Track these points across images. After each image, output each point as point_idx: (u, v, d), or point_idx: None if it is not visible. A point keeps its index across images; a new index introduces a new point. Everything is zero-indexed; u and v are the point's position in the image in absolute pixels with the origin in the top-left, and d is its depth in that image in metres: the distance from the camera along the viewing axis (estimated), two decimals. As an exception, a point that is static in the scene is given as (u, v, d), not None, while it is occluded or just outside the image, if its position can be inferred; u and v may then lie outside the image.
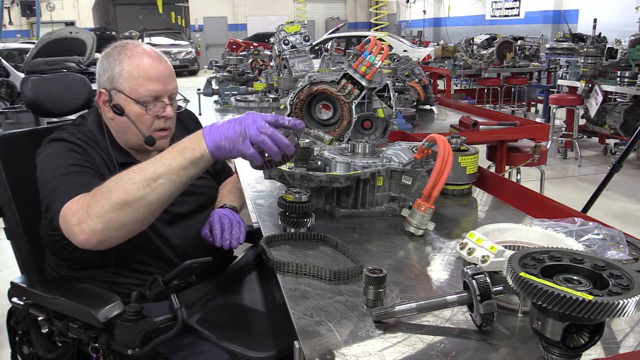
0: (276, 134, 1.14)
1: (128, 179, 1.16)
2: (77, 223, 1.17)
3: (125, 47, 1.45)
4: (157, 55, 1.47)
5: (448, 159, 1.41)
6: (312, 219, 1.45)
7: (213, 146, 1.15)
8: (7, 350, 1.62)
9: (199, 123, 1.77)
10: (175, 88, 1.49)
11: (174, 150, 1.18)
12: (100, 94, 1.46)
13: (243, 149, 1.13)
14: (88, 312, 1.29)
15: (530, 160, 3.19)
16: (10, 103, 7.28)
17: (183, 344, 1.35)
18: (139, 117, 1.44)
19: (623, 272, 0.84)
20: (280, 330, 1.30)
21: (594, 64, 6.14)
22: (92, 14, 22.07)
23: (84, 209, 1.18)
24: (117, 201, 1.15)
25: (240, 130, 1.13)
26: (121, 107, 1.43)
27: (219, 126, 1.16)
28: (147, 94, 1.42)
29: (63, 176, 1.30)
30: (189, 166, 1.16)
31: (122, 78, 1.42)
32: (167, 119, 1.47)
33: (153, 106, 1.44)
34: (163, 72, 1.45)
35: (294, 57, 2.86)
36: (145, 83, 1.42)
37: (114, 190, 1.16)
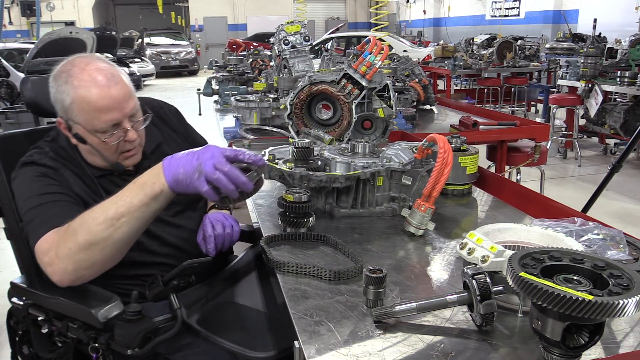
0: (233, 171, 1.10)
1: (91, 220, 1.15)
2: (50, 263, 1.19)
3: (71, 75, 1.33)
4: (107, 80, 1.33)
5: (448, 159, 1.41)
6: (312, 218, 1.45)
7: (172, 180, 1.12)
8: (7, 350, 1.62)
9: (181, 117, 1.73)
10: (134, 107, 1.38)
11: (134, 185, 1.16)
12: (59, 122, 1.40)
13: (198, 185, 1.10)
14: (87, 312, 1.29)
15: (530, 160, 3.19)
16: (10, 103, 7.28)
17: (183, 344, 1.35)
18: (100, 145, 1.38)
19: (623, 272, 0.84)
20: (280, 330, 1.30)
21: (594, 64, 6.14)
22: (92, 14, 22.06)
23: (54, 250, 1.18)
24: (83, 243, 1.15)
25: (197, 165, 1.10)
26: (82, 136, 1.37)
27: (178, 158, 1.13)
28: (104, 125, 1.34)
29: (35, 208, 1.28)
30: (150, 202, 1.14)
31: (74, 111, 1.34)
32: (131, 141, 1.40)
33: (112, 134, 1.36)
34: (116, 98, 1.33)
35: (294, 57, 2.86)
36: (99, 115, 1.32)
37: (79, 231, 1.15)
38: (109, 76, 1.34)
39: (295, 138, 2.15)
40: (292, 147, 1.65)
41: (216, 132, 3.36)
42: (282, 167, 1.59)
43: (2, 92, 7.55)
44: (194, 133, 1.76)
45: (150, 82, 15.46)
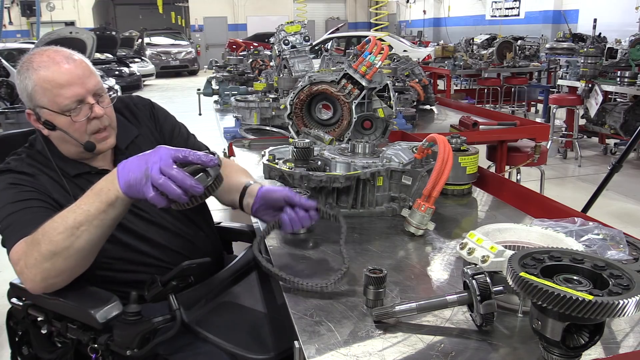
0: (180, 174, 1.05)
1: (52, 230, 1.13)
2: (20, 273, 1.20)
3: (31, 60, 1.36)
4: (64, 57, 1.36)
5: (448, 159, 1.40)
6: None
7: (125, 186, 1.09)
8: (7, 350, 1.62)
9: (153, 110, 1.65)
10: (96, 84, 1.38)
11: (91, 192, 1.13)
12: (28, 115, 1.40)
13: (145, 190, 1.06)
14: (87, 313, 1.28)
15: (530, 160, 3.19)
16: (10, 103, 7.28)
17: (182, 344, 1.35)
18: (69, 126, 1.36)
19: (623, 272, 0.84)
20: (280, 331, 1.30)
21: (594, 64, 6.14)
22: (92, 14, 22.06)
23: (23, 259, 1.18)
24: (46, 253, 1.14)
25: (144, 169, 1.06)
26: (50, 121, 1.36)
27: (130, 162, 1.10)
28: (68, 102, 1.34)
29: (9, 216, 1.27)
30: (107, 209, 1.11)
31: (37, 94, 1.35)
32: (99, 118, 1.39)
33: (79, 111, 1.36)
34: (76, 74, 1.35)
35: (294, 57, 2.86)
36: (61, 91, 1.33)
37: (41, 242, 1.14)
38: (67, 54, 1.37)
39: (295, 138, 2.15)
40: (292, 147, 1.65)
41: (216, 132, 3.36)
42: (282, 167, 1.59)
43: (2, 92, 7.55)
44: (170, 124, 1.68)
45: (150, 82, 15.46)
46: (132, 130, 1.56)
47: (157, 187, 1.04)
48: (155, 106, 1.67)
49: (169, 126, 1.66)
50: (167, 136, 1.63)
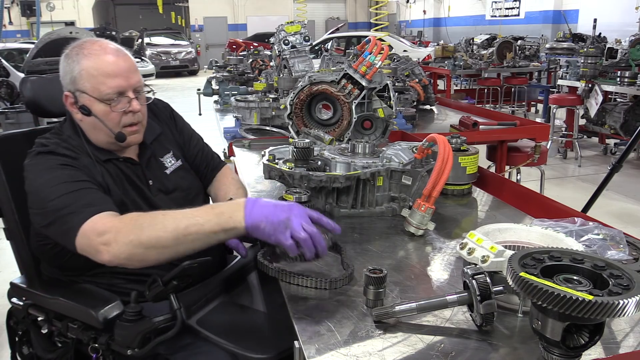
0: (318, 235, 1.15)
1: (161, 225, 1.19)
2: (105, 243, 1.21)
3: (82, 47, 1.42)
4: (116, 51, 1.43)
5: (448, 159, 1.41)
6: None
7: (251, 224, 1.17)
8: (7, 350, 1.62)
9: (173, 113, 1.74)
10: (138, 81, 1.46)
11: (212, 211, 1.22)
12: (66, 97, 1.44)
13: (282, 238, 1.14)
14: (87, 313, 1.29)
15: (530, 160, 3.19)
16: (10, 103, 7.28)
17: (183, 344, 1.35)
18: (105, 115, 1.41)
19: (623, 272, 0.84)
20: (280, 331, 1.30)
21: (594, 64, 6.14)
22: (92, 14, 22.06)
23: (112, 233, 1.21)
24: (145, 242, 1.19)
25: (285, 218, 1.15)
26: (87, 107, 1.41)
27: (262, 206, 1.19)
28: (110, 91, 1.39)
29: (70, 194, 1.29)
30: (219, 232, 1.20)
31: (82, 78, 1.39)
32: (134, 113, 1.44)
33: (118, 102, 1.41)
34: (123, 67, 1.42)
35: (294, 57, 2.86)
36: (106, 80, 1.39)
37: (145, 230, 1.19)
38: (117, 48, 1.45)
39: (295, 138, 2.15)
40: (292, 147, 1.65)
41: (216, 132, 3.36)
42: (282, 167, 1.59)
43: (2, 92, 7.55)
44: (188, 128, 1.75)
45: (150, 82, 15.41)
46: (156, 128, 1.62)
47: (296, 239, 1.13)
48: (173, 110, 1.75)
49: (187, 131, 1.73)
50: (185, 139, 1.70)
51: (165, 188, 1.54)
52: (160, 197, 1.51)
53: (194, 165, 1.69)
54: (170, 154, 1.61)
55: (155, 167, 1.55)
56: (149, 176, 1.52)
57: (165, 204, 1.48)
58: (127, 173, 1.48)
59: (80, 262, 1.34)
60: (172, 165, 1.59)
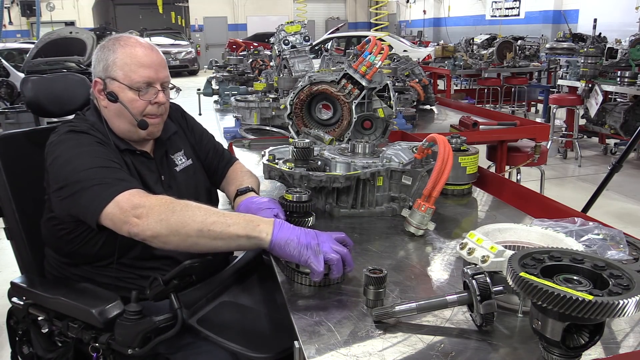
0: (349, 255, 1.17)
1: (191, 214, 1.23)
2: (137, 216, 1.24)
3: (119, 38, 1.50)
4: (150, 45, 1.51)
5: (448, 159, 1.41)
6: (313, 218, 1.45)
7: (279, 239, 1.17)
8: (7, 350, 1.62)
9: (184, 113, 1.79)
10: (167, 77, 1.52)
11: (242, 217, 1.24)
12: (95, 83, 1.50)
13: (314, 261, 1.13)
14: (88, 312, 1.29)
15: (530, 160, 3.19)
16: (10, 103, 7.28)
17: (183, 343, 1.35)
18: (132, 102, 1.47)
19: (623, 272, 0.84)
20: (280, 330, 1.30)
21: (594, 64, 6.14)
22: (92, 14, 22.06)
23: (146, 208, 1.24)
24: (173, 225, 1.22)
25: (315, 244, 1.15)
26: (115, 93, 1.46)
27: (291, 227, 1.20)
28: (140, 80, 1.46)
29: (104, 168, 1.34)
30: (243, 237, 1.21)
31: (116, 66, 1.46)
32: (159, 105, 1.50)
33: (146, 92, 1.48)
34: (155, 60, 1.49)
35: (294, 57, 2.86)
36: (138, 69, 1.46)
37: (176, 213, 1.23)
38: (151, 44, 1.54)
39: (295, 138, 2.15)
40: (292, 147, 1.65)
41: (216, 132, 3.35)
42: (282, 167, 1.59)
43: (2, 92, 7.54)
44: (199, 127, 1.80)
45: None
46: (172, 126, 1.66)
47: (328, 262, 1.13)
48: (184, 110, 1.81)
49: (197, 130, 1.78)
50: (197, 138, 1.75)
51: (175, 184, 1.57)
52: (170, 194, 1.51)
53: (207, 163, 1.73)
54: (182, 152, 1.65)
55: (167, 163, 1.60)
56: (161, 172, 1.56)
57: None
58: (142, 166, 1.52)
59: (92, 250, 1.39)
60: (182, 164, 1.63)
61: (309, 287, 1.18)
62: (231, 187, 1.69)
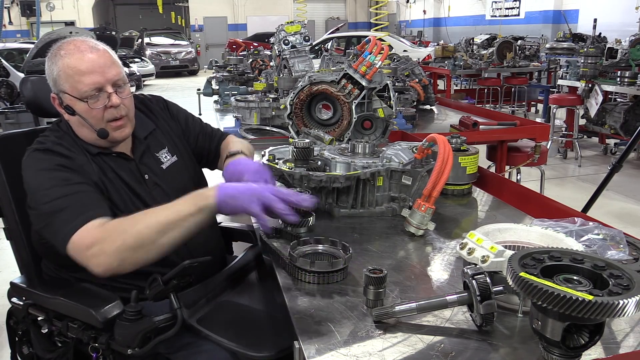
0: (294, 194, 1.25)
1: (143, 224, 1.23)
2: (94, 255, 1.23)
3: (60, 48, 1.44)
4: (90, 47, 1.43)
5: (448, 159, 1.41)
6: (313, 218, 1.45)
7: (223, 197, 1.23)
8: (7, 350, 1.62)
9: (166, 103, 1.73)
10: (117, 74, 1.44)
11: (187, 197, 1.27)
12: (53, 99, 1.46)
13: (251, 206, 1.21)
14: (87, 312, 1.29)
15: (530, 160, 3.19)
16: (10, 103, 7.28)
17: (183, 343, 1.35)
18: (87, 113, 1.42)
19: (623, 272, 0.84)
20: (280, 330, 1.30)
21: (594, 64, 6.14)
22: (92, 14, 22.06)
23: (99, 244, 1.23)
24: (132, 244, 1.22)
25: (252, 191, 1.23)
26: (70, 107, 1.43)
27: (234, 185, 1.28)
28: (87, 89, 1.40)
29: (62, 199, 1.30)
30: (196, 212, 1.24)
31: (61, 79, 1.41)
32: (116, 107, 1.43)
33: (97, 99, 1.41)
34: (97, 62, 1.41)
35: (294, 57, 2.86)
36: (82, 78, 1.39)
37: (129, 232, 1.23)
38: (92, 44, 1.44)
39: (295, 138, 2.15)
40: (292, 147, 1.65)
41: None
42: (282, 167, 1.59)
43: (2, 92, 7.55)
44: (183, 114, 1.75)
45: (150, 82, 15.46)
46: (149, 124, 1.62)
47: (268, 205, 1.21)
48: (167, 101, 1.75)
49: (182, 116, 1.73)
50: (182, 124, 1.71)
51: (163, 181, 1.54)
52: (158, 191, 1.51)
53: (198, 148, 1.71)
54: (166, 149, 1.61)
55: (151, 161, 1.56)
56: (143, 171, 1.52)
57: (163, 197, 1.49)
58: (120, 168, 1.48)
59: None
60: (167, 161, 1.59)
61: (309, 284, 1.18)
62: (225, 152, 1.68)
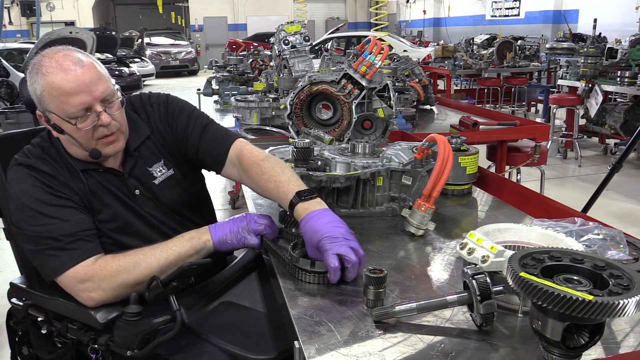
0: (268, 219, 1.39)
1: (145, 265, 1.30)
2: (87, 290, 1.28)
3: (41, 64, 1.33)
4: (73, 63, 1.32)
5: (448, 159, 1.41)
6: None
7: (218, 239, 1.36)
8: (7, 350, 1.62)
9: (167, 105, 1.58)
10: (105, 90, 1.35)
11: (183, 239, 1.36)
12: (39, 116, 1.39)
13: (249, 239, 1.36)
14: (87, 313, 1.29)
15: (530, 160, 3.19)
16: (10, 103, 7.29)
17: (182, 345, 1.35)
18: (76, 133, 1.35)
19: (623, 272, 0.84)
20: (280, 331, 1.30)
21: (594, 64, 6.14)
22: (92, 14, 22.06)
23: (93, 281, 1.28)
24: (132, 282, 1.29)
25: (244, 226, 1.36)
26: (58, 125, 1.35)
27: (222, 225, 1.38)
28: (74, 110, 1.31)
29: (49, 226, 1.30)
30: (193, 254, 1.35)
31: (45, 99, 1.33)
32: (105, 126, 1.36)
33: (85, 119, 1.33)
34: (83, 81, 1.31)
35: (294, 57, 2.86)
36: (68, 99, 1.30)
37: (131, 273, 1.29)
38: (75, 60, 1.33)
39: (295, 138, 2.15)
40: (292, 147, 1.65)
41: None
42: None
43: (2, 92, 7.56)
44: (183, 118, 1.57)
45: (150, 82, 15.46)
46: (145, 130, 1.53)
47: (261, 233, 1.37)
48: (169, 102, 1.60)
49: (182, 121, 1.56)
50: (180, 135, 1.55)
51: (155, 197, 1.50)
52: (149, 206, 1.49)
53: (201, 150, 1.55)
54: (161, 162, 1.52)
55: (142, 175, 1.49)
56: (133, 186, 1.47)
57: (155, 212, 1.50)
58: (109, 184, 1.44)
59: None
60: (161, 175, 1.51)
61: (310, 284, 1.18)
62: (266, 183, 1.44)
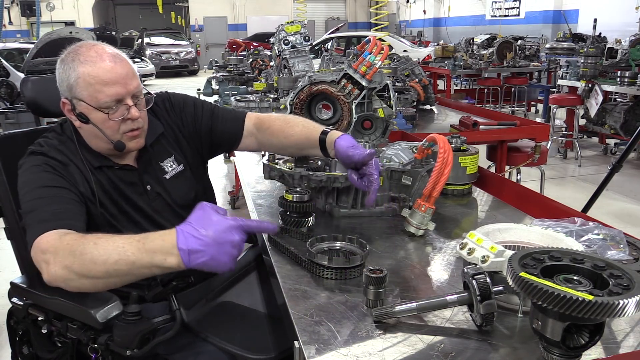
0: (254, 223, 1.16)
1: (90, 256, 1.14)
2: (45, 262, 1.19)
3: (78, 52, 1.37)
4: (113, 56, 1.38)
5: (448, 159, 1.41)
6: (313, 218, 1.45)
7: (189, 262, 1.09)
8: (7, 350, 1.62)
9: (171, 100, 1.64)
10: (137, 86, 1.41)
11: (143, 247, 1.11)
12: (63, 104, 1.41)
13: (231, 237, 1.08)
14: (87, 313, 1.28)
15: (530, 160, 3.19)
16: (10, 103, 7.29)
17: (182, 344, 1.35)
18: (103, 123, 1.38)
19: (623, 272, 0.84)
20: (280, 331, 1.30)
21: (594, 64, 6.14)
22: (92, 14, 22.05)
23: (52, 253, 1.18)
24: (78, 271, 1.15)
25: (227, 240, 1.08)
26: (85, 115, 1.38)
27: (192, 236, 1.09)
28: (107, 99, 1.35)
29: (39, 200, 1.30)
30: (154, 271, 1.14)
31: (79, 86, 1.35)
32: (134, 120, 1.40)
33: (116, 110, 1.37)
34: (120, 74, 1.36)
35: (294, 57, 2.86)
36: (103, 89, 1.34)
37: (77, 258, 1.15)
38: (114, 53, 1.39)
39: (295, 138, 2.15)
40: (292, 147, 1.64)
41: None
42: (282, 167, 1.59)
43: (2, 92, 7.56)
44: (189, 109, 1.64)
45: (150, 82, 15.45)
46: (158, 126, 1.57)
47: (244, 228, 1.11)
48: (171, 97, 1.66)
49: (190, 111, 1.63)
50: (191, 125, 1.62)
51: (165, 192, 1.52)
52: (159, 202, 1.50)
53: (215, 135, 1.63)
54: (172, 158, 1.56)
55: (154, 171, 1.52)
56: (146, 181, 1.50)
57: (165, 208, 1.50)
58: (122, 181, 1.46)
59: None
60: (172, 170, 1.55)
61: (310, 284, 1.18)
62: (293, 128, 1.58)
